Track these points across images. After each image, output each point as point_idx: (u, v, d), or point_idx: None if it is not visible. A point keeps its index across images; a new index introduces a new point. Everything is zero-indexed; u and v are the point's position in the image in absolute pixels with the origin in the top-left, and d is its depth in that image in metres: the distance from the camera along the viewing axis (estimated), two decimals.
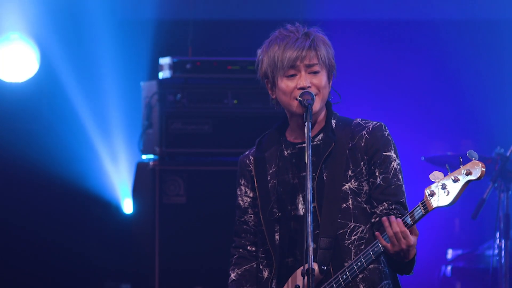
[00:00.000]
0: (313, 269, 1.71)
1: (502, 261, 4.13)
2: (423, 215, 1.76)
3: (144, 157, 4.66)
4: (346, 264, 1.82)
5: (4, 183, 5.31)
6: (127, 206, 5.35)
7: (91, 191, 5.44)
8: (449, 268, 4.84)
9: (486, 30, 5.64)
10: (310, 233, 1.71)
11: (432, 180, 1.73)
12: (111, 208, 5.38)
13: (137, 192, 4.77)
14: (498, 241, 4.15)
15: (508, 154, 4.02)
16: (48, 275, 5.20)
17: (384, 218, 1.75)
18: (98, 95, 5.69)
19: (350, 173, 1.87)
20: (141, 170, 4.66)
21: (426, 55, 5.71)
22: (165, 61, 4.57)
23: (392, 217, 1.74)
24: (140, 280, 4.58)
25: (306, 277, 1.71)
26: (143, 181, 4.66)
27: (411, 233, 1.73)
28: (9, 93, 5.40)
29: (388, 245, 1.73)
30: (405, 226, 1.73)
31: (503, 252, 4.13)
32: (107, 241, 5.28)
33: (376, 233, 1.76)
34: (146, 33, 5.59)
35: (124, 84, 5.56)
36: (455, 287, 4.91)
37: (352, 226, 1.86)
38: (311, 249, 1.70)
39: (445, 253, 5.02)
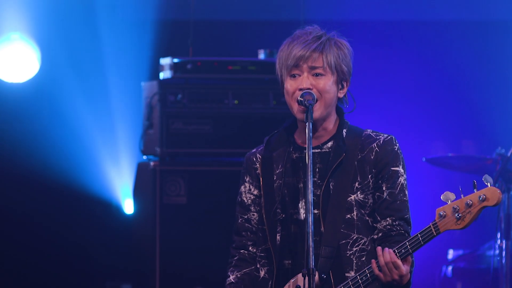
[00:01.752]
0: (314, 269, 1.71)
1: (503, 261, 4.13)
2: (434, 236, 1.75)
3: (144, 157, 4.67)
4: (347, 275, 1.81)
5: (4, 183, 5.30)
6: (128, 207, 5.35)
7: (91, 191, 5.44)
8: (450, 268, 4.83)
9: (488, 30, 5.63)
10: (311, 234, 1.70)
11: (444, 201, 1.71)
12: (111, 208, 5.38)
13: (138, 192, 4.78)
14: (499, 241, 4.15)
15: (509, 154, 4.02)
16: (49, 275, 5.20)
17: (378, 248, 1.75)
18: (99, 95, 5.69)
19: (357, 185, 1.86)
20: (141, 171, 4.66)
21: (427, 56, 5.70)
22: (165, 61, 4.57)
23: (386, 248, 1.74)
24: (141, 280, 4.58)
25: (306, 278, 1.70)
26: (144, 181, 4.66)
27: (405, 261, 1.74)
28: (9, 94, 5.40)
29: (380, 274, 1.73)
30: (415, 246, 1.73)
31: (504, 253, 4.13)
32: (107, 242, 5.27)
33: (372, 260, 1.76)
34: (147, 34, 5.60)
35: (124, 85, 5.56)
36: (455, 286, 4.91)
37: (354, 237, 1.85)
38: (311, 249, 1.69)
39: (446, 254, 5.01)
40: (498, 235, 4.15)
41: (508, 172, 4.09)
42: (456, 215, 1.70)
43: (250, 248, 1.98)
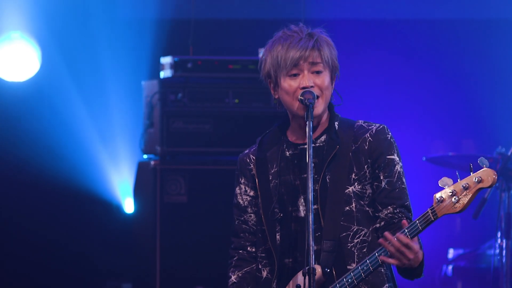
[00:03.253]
0: (314, 269, 1.70)
1: (504, 260, 4.13)
2: (432, 221, 1.75)
3: (145, 156, 4.67)
4: (349, 267, 1.81)
5: (4, 183, 5.30)
6: (128, 206, 5.35)
7: (92, 190, 5.44)
8: (450, 267, 4.84)
9: (487, 29, 5.63)
10: (311, 233, 1.70)
11: (441, 186, 1.72)
12: (112, 207, 5.38)
13: (138, 191, 4.78)
14: (499, 240, 4.15)
15: (509, 153, 4.02)
16: (49, 275, 5.20)
17: (381, 240, 1.74)
18: (99, 95, 5.69)
19: (353, 176, 1.86)
20: (142, 170, 4.67)
21: (427, 55, 5.70)
22: (166, 60, 4.57)
23: (388, 235, 1.72)
24: (141, 279, 4.58)
25: (307, 277, 1.70)
26: (144, 180, 4.66)
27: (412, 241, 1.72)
28: (9, 93, 5.40)
29: (395, 261, 1.72)
30: (414, 232, 1.72)
31: (504, 252, 4.13)
32: (108, 241, 5.28)
33: (381, 257, 1.74)
34: (147, 32, 5.59)
35: (125, 84, 5.56)
36: (456, 287, 4.91)
37: (355, 229, 1.85)
38: (312, 248, 1.69)
39: (446, 253, 5.01)
40: (499, 234, 4.15)
41: (508, 171, 4.09)
42: (453, 198, 1.71)
43: (248, 248, 1.97)
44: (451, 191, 1.70)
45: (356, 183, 1.86)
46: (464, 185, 1.69)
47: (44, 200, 5.43)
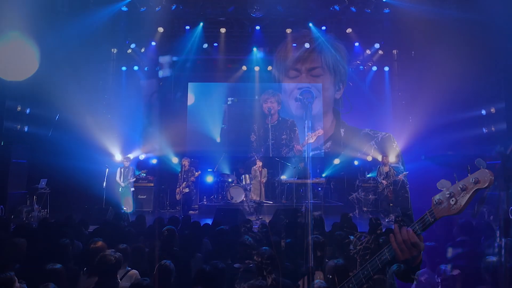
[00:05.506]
0: (313, 268, 1.71)
1: (502, 259, 4.14)
2: (431, 223, 1.76)
3: (144, 155, 4.67)
4: (351, 274, 1.82)
5: (4, 183, 5.31)
6: (128, 205, 5.35)
7: (91, 190, 5.44)
8: (449, 266, 4.84)
9: (486, 29, 5.64)
10: (310, 233, 1.70)
11: (439, 189, 1.72)
12: (112, 207, 5.38)
13: (138, 190, 4.78)
14: (498, 239, 4.16)
15: (508, 152, 4.03)
16: (50, 275, 5.20)
17: (395, 228, 1.75)
18: (98, 94, 5.69)
19: (357, 183, 1.87)
20: (141, 169, 4.67)
21: (427, 54, 5.71)
22: (165, 59, 4.59)
23: (403, 228, 1.74)
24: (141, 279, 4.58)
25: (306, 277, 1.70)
26: (144, 180, 4.66)
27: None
28: (8, 92, 5.40)
29: (399, 253, 1.73)
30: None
31: (503, 251, 4.14)
32: (107, 240, 5.27)
33: (391, 235, 1.75)
34: (146, 32, 5.60)
35: (124, 83, 5.56)
36: (455, 286, 4.92)
37: (358, 236, 1.86)
38: (311, 248, 1.70)
39: (446, 252, 5.02)
40: (498, 234, 4.16)
41: (507, 170, 4.10)
42: (451, 200, 1.71)
43: (255, 257, 1.98)
44: (449, 193, 1.71)
45: (360, 190, 1.87)
46: (462, 186, 1.70)
47: (44, 199, 5.43)
